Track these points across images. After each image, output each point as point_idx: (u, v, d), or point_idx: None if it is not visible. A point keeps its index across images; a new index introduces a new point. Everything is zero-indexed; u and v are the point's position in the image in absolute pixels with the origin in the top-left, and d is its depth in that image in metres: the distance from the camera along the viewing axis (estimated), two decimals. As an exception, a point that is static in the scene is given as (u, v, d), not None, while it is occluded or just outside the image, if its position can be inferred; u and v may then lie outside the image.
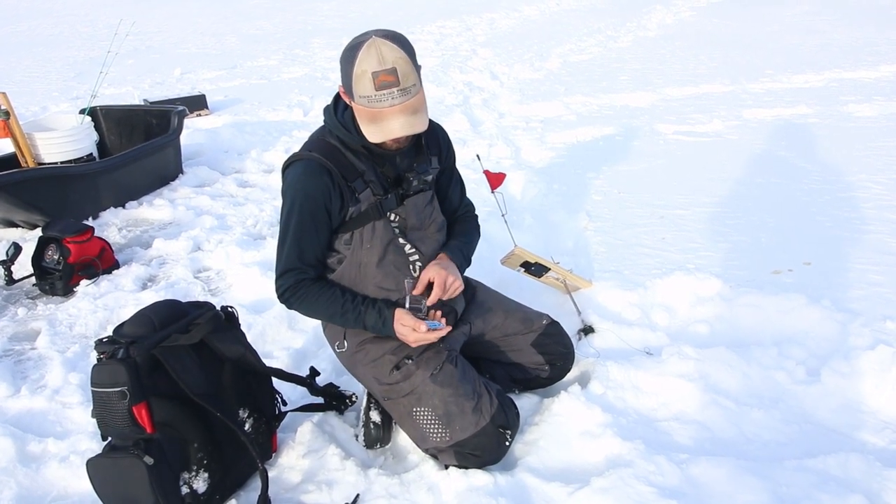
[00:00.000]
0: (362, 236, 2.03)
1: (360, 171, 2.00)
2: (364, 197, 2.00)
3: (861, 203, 3.81)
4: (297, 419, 2.28)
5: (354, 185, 1.98)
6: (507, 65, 8.99)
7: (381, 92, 1.78)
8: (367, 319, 2.03)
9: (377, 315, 2.02)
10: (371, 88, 1.78)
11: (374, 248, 2.03)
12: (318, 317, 2.14)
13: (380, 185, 2.02)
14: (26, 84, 8.79)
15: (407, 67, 1.79)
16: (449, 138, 2.29)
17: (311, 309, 2.09)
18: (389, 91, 1.78)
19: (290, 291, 2.04)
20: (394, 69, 1.76)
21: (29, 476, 2.12)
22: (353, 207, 2.00)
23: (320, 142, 2.03)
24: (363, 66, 1.77)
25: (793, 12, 11.71)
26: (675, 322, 2.79)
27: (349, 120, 1.97)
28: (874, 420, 2.16)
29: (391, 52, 1.77)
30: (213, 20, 15.42)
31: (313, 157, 1.97)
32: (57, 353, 2.84)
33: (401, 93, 1.79)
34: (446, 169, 2.27)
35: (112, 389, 1.70)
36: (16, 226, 4.18)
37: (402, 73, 1.78)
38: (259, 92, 8.01)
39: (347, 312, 2.03)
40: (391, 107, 1.79)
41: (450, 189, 2.31)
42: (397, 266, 2.07)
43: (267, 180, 4.98)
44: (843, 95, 6.21)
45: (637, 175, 4.54)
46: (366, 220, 2.02)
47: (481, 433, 1.98)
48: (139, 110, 5.19)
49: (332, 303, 2.04)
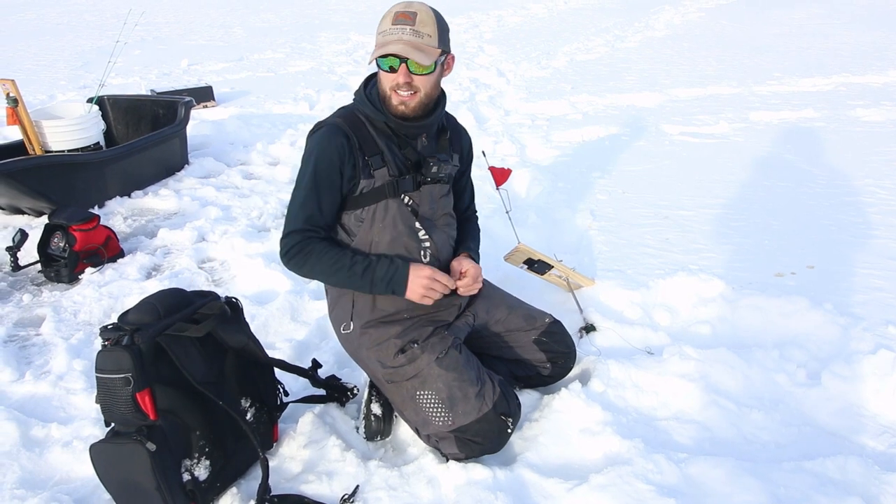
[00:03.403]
0: (374, 214, 2.04)
1: (379, 148, 2.02)
2: (379, 174, 2.02)
3: (866, 208, 3.81)
4: (298, 410, 2.29)
5: (371, 161, 2.01)
6: (513, 62, 8.99)
7: (395, 26, 1.87)
8: (377, 269, 2.00)
9: (389, 264, 2.01)
10: (389, 23, 1.88)
11: (387, 227, 2.05)
12: (322, 271, 2.03)
13: (396, 166, 2.05)
14: (34, 72, 8.81)
15: (428, 18, 1.89)
16: (471, 143, 2.34)
17: (316, 265, 2.01)
18: (402, 27, 1.87)
19: (297, 248, 2.00)
20: (414, 13, 1.87)
21: (32, 460, 2.14)
22: (365, 181, 2.01)
23: (347, 113, 2.08)
24: (392, 9, 1.89)
25: (802, 15, 11.68)
26: (676, 322, 2.80)
27: (374, 95, 2.02)
28: (874, 424, 2.17)
29: (420, 4, 1.89)
30: (221, 12, 15.42)
31: (336, 122, 2.03)
32: (61, 339, 2.85)
33: (412, 32, 1.87)
34: (464, 171, 2.33)
35: (116, 376, 1.71)
36: (22, 213, 4.20)
37: (420, 19, 1.87)
38: (265, 84, 8.03)
39: (356, 264, 1.99)
40: (398, 40, 1.86)
41: (464, 192, 2.37)
42: (409, 249, 2.08)
43: (272, 173, 4.99)
44: (851, 100, 6.19)
45: (642, 175, 4.54)
46: (379, 196, 2.03)
47: (483, 419, 1.99)
48: (146, 100, 5.21)
49: (341, 256, 2.00)
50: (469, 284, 2.14)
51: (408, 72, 1.91)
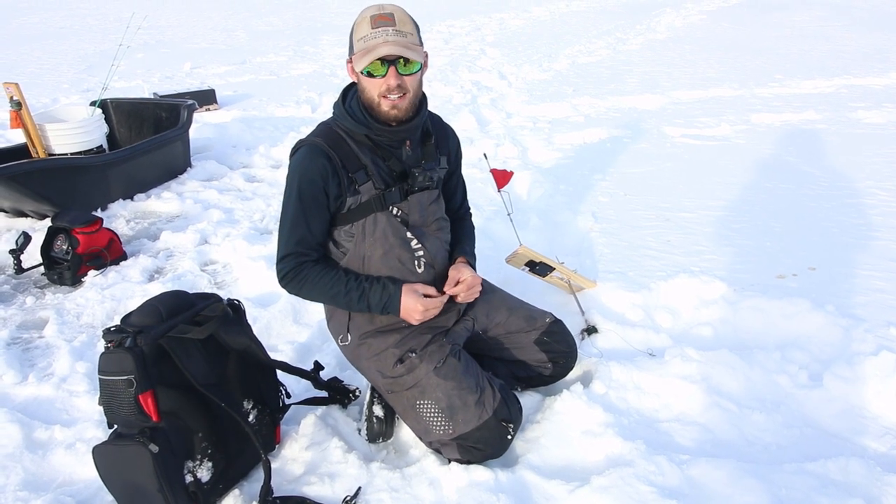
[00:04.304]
0: (364, 228, 2.03)
1: (362, 163, 2.01)
2: (365, 189, 2.01)
3: (868, 209, 3.81)
4: (300, 412, 2.30)
5: (356, 177, 1.99)
6: (515, 65, 9.00)
7: (376, 30, 1.84)
8: (371, 297, 2.02)
9: (381, 290, 2.02)
10: (368, 28, 1.85)
11: (378, 241, 2.04)
12: (320, 298, 2.09)
13: (382, 179, 2.03)
14: (38, 75, 8.84)
15: (405, 17, 1.87)
16: (459, 141, 2.31)
17: (313, 291, 2.05)
18: (384, 29, 1.84)
19: (292, 274, 2.03)
20: (391, 13, 1.85)
21: (35, 462, 2.15)
22: (351, 198, 2.01)
23: (326, 129, 2.05)
24: (363, 15, 1.86)
25: (803, 18, 11.68)
26: (678, 324, 2.80)
27: (356, 109, 1.99)
28: (876, 425, 2.17)
29: (392, 5, 1.87)
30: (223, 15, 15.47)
31: (315, 142, 2.00)
32: (64, 341, 2.86)
33: (396, 32, 1.84)
34: (454, 171, 2.30)
35: (119, 378, 1.72)
36: (25, 216, 4.22)
37: (398, 18, 1.86)
38: (268, 87, 8.05)
39: (351, 291, 2.02)
40: (384, 42, 1.83)
41: (455, 192, 2.35)
42: (402, 260, 2.08)
43: (274, 175, 5.00)
44: (853, 102, 6.20)
45: (643, 177, 4.54)
46: (367, 211, 2.02)
47: (484, 426, 2.00)
48: (149, 103, 5.22)
49: (336, 282, 2.02)
50: (466, 293, 2.13)
51: (397, 73, 1.88)
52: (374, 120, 1.97)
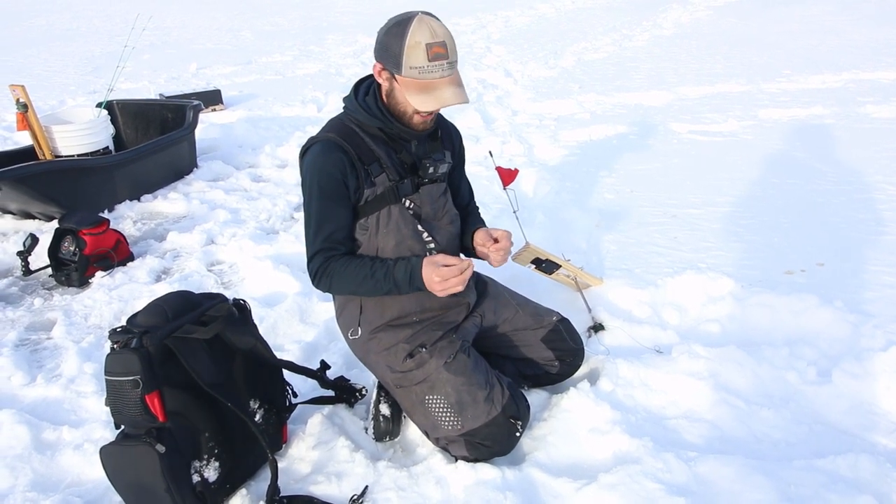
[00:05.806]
0: (378, 221, 2.04)
1: (376, 155, 2.02)
2: (380, 181, 2.02)
3: (876, 205, 3.78)
4: (307, 411, 2.30)
5: (370, 169, 2.00)
6: (521, 62, 8.99)
7: (433, 63, 1.84)
8: (396, 273, 2.00)
9: (405, 264, 2.00)
10: (424, 59, 1.83)
11: (391, 233, 2.05)
12: (349, 287, 2.07)
13: (395, 171, 2.04)
14: (44, 77, 8.89)
15: (452, 44, 1.88)
16: (461, 137, 2.33)
17: (341, 281, 2.04)
18: (440, 63, 1.85)
19: (321, 271, 2.03)
20: (444, 42, 1.85)
21: (44, 463, 2.16)
22: (368, 190, 2.01)
23: (338, 124, 2.06)
24: (416, 38, 1.83)
25: (811, 12, 11.61)
26: (685, 321, 2.79)
27: (371, 103, 2.01)
28: (886, 422, 2.15)
29: (440, 27, 1.86)
30: (228, 16, 15.51)
31: (329, 138, 2.00)
32: (72, 342, 2.88)
33: (449, 66, 1.87)
34: (458, 166, 2.31)
35: (125, 378, 1.72)
36: (33, 217, 4.24)
37: (450, 48, 1.87)
38: (273, 87, 8.06)
39: (377, 271, 2.00)
40: (441, 78, 1.87)
41: (461, 186, 2.36)
42: (414, 252, 2.08)
43: (280, 175, 5.01)
44: (861, 97, 6.14)
45: (650, 174, 4.53)
46: (381, 203, 2.03)
47: (492, 423, 2.00)
48: (155, 104, 5.24)
49: (361, 267, 2.01)
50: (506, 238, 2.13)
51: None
52: (395, 120, 2.00)
